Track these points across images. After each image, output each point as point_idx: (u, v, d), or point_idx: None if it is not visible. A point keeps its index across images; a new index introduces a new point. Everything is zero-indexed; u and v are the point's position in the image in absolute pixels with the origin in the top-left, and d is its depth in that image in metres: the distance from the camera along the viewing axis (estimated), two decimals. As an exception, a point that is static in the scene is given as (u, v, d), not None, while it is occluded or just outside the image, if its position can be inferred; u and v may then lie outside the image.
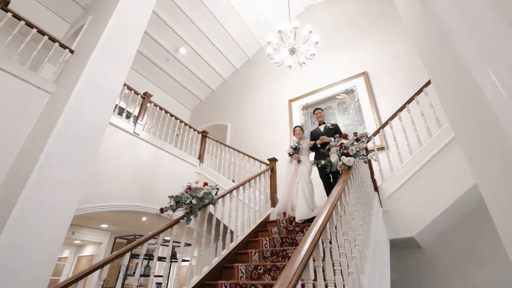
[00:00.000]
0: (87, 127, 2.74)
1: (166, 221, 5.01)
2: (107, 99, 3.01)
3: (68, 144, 2.55)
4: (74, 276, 1.80)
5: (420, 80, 4.38)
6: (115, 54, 3.28)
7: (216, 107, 7.94)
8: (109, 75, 3.10)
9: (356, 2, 6.24)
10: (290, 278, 0.99)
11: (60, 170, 2.43)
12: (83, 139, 2.67)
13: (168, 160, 4.89)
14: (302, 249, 1.22)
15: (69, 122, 2.61)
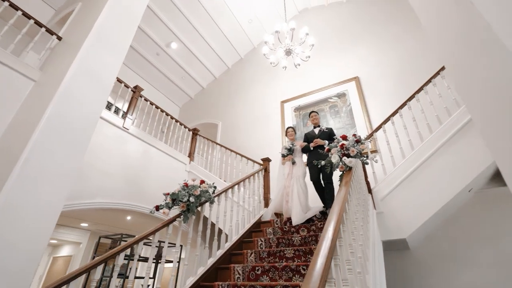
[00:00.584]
0: (78, 118, 2.58)
1: (153, 221, 4.89)
2: (99, 90, 2.85)
3: (57, 136, 2.38)
4: (68, 276, 1.67)
5: (410, 87, 4.52)
6: (109, 44, 3.13)
7: (206, 105, 7.82)
8: (102, 66, 2.95)
9: (349, 8, 6.37)
10: (319, 279, 0.96)
11: (47, 163, 2.26)
12: (73, 131, 2.51)
13: (157, 157, 4.74)
14: (321, 249, 1.19)
15: (59, 113, 2.44)
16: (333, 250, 1.20)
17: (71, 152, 2.46)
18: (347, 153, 2.43)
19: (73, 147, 2.49)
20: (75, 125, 2.54)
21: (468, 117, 3.16)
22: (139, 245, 2.19)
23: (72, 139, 2.49)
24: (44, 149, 2.26)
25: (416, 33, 5.14)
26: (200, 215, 2.94)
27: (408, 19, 5.36)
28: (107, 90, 2.96)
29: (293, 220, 3.28)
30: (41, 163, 2.23)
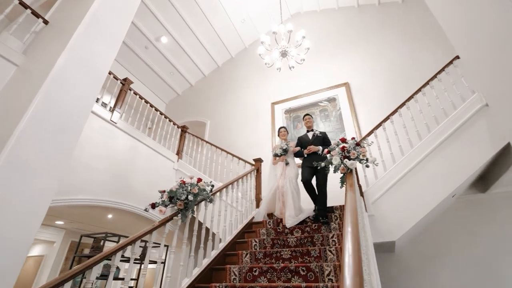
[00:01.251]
0: (69, 109, 2.41)
1: (137, 220, 4.69)
2: (92, 80, 2.69)
3: (47, 125, 2.21)
4: (62, 277, 1.54)
5: (399, 95, 4.71)
6: (103, 33, 2.96)
7: (194, 103, 7.66)
8: (95, 55, 2.78)
9: (342, 15, 6.53)
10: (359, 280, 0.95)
11: (36, 154, 2.09)
12: (64, 121, 2.35)
13: (145, 153, 4.56)
14: (348, 251, 1.18)
15: (49, 101, 2.27)
16: (361, 264, 1.15)
17: (61, 143, 2.30)
18: (348, 156, 2.47)
19: (64, 138, 2.32)
20: (66, 115, 2.37)
21: (455, 126, 3.34)
22: (135, 245, 2.08)
23: (63, 129, 2.32)
24: (32, 139, 2.09)
25: (407, 42, 5.37)
26: (196, 215, 2.85)
27: (399, 29, 5.59)
28: (100, 80, 2.80)
29: (286, 223, 3.27)
30: (29, 154, 2.05)
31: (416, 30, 5.42)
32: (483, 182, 3.84)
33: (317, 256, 2.56)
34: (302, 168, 3.59)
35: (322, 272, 2.25)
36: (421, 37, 5.26)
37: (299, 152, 3.78)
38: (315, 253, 2.58)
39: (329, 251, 2.52)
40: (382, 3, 6.14)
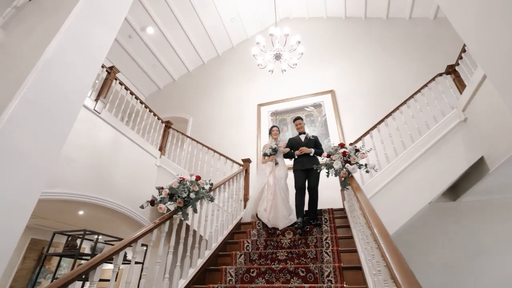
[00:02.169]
0: (64, 94, 2.19)
1: (111, 216, 4.40)
2: (89, 64, 2.47)
3: (39, 111, 1.99)
4: (69, 276, 1.38)
5: (383, 105, 4.98)
6: (101, 13, 2.74)
7: (176, 98, 7.41)
8: (94, 36, 2.57)
9: (330, 24, 6.76)
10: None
11: (25, 142, 1.87)
12: (58, 107, 2.13)
13: (128, 147, 4.31)
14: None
15: (42, 84, 2.04)
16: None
17: (55, 131, 2.07)
18: (348, 161, 2.55)
19: (58, 125, 2.10)
20: (60, 101, 2.15)
21: (436, 138, 3.61)
22: (138, 243, 1.94)
23: (57, 115, 2.11)
24: (23, 124, 1.86)
25: (390, 56, 5.70)
26: (193, 214, 2.74)
27: (384, 43, 5.92)
28: (98, 65, 2.58)
29: (279, 225, 3.27)
30: (19, 140, 1.83)
31: (399, 44, 5.78)
32: (453, 191, 4.18)
33: (314, 257, 2.60)
34: (295, 172, 3.55)
35: (322, 274, 2.29)
36: (404, 51, 5.63)
37: (289, 153, 3.77)
38: (311, 255, 2.61)
39: (326, 253, 2.58)
40: (368, 17, 6.47)
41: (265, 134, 5.90)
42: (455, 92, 3.88)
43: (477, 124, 3.39)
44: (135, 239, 1.86)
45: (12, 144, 1.80)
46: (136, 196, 4.33)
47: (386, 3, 5.99)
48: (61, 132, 2.14)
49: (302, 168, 3.46)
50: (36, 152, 1.93)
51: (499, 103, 2.99)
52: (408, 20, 6.01)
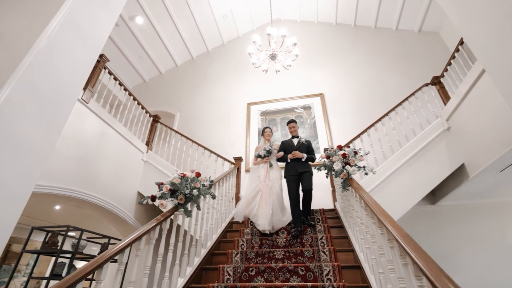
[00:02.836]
0: (63, 78, 2.04)
1: (92, 211, 4.18)
2: (89, 50, 2.32)
3: (36, 95, 1.83)
4: (76, 275, 1.27)
5: (370, 111, 5.18)
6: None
7: (162, 92, 7.18)
8: (95, 18, 2.41)
9: (320, 28, 6.90)
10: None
11: (19, 130, 1.72)
12: (56, 92, 1.97)
13: (115, 140, 4.11)
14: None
15: (40, 67, 1.88)
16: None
17: (53, 117, 1.92)
18: (348, 162, 2.62)
19: (55, 111, 1.95)
20: (59, 85, 2.00)
21: (422, 145, 3.81)
22: (142, 240, 1.84)
23: (55, 101, 1.95)
24: (15, 113, 1.71)
25: (378, 64, 5.93)
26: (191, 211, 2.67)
27: (372, 51, 6.15)
28: (98, 49, 2.44)
29: (274, 229, 3.25)
30: (10, 130, 1.67)
31: (386, 53, 6.04)
32: (432, 195, 4.44)
33: (311, 256, 2.64)
34: (287, 178, 3.44)
35: (321, 272, 2.33)
36: (391, 60, 5.89)
37: (283, 157, 3.65)
38: (308, 254, 2.65)
39: (323, 252, 2.63)
40: (357, 25, 6.69)
41: (254, 133, 5.90)
42: (440, 102, 4.12)
43: (459, 133, 3.63)
44: (139, 237, 1.76)
45: (7, 129, 1.65)
46: (122, 192, 4.15)
47: (375, 13, 6.23)
48: (58, 121, 2.00)
49: (295, 174, 3.37)
50: (33, 138, 1.79)
51: (481, 115, 3.22)
52: (395, 31, 6.30)
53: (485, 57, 1.84)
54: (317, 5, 6.71)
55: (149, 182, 4.54)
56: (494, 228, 4.16)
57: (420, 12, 5.77)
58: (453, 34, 5.54)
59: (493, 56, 1.75)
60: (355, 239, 2.58)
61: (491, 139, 3.06)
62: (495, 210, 4.22)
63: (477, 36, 1.88)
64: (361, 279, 2.26)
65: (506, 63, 1.64)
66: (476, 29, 1.87)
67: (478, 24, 1.85)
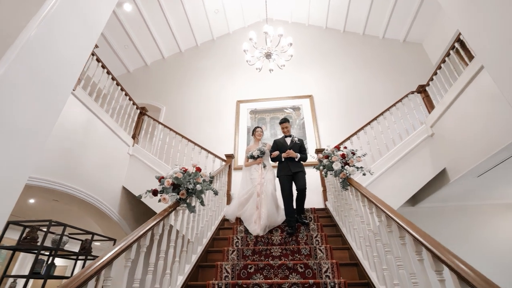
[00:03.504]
0: (62, 60, 1.89)
1: (72, 206, 3.94)
2: (89, 32, 2.17)
3: (33, 76, 1.68)
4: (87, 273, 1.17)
5: (357, 115, 5.37)
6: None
7: (147, 85, 6.92)
8: (92, 4, 2.27)
9: (312, 32, 7.02)
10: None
11: (12, 115, 1.57)
12: (54, 74, 1.82)
13: (101, 131, 3.91)
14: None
15: (37, 47, 1.73)
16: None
17: (50, 101, 1.77)
18: (347, 163, 2.69)
19: (53, 95, 1.80)
20: (57, 67, 1.85)
21: (408, 149, 4.01)
22: (147, 236, 1.75)
23: (53, 84, 1.80)
24: (10, 94, 1.56)
25: (365, 69, 6.15)
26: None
27: (360, 56, 6.37)
28: (98, 31, 2.29)
29: (270, 227, 3.23)
30: (4, 113, 1.52)
31: (374, 59, 6.28)
32: (413, 198, 4.69)
33: (308, 254, 2.67)
34: (280, 177, 3.43)
35: (320, 269, 2.37)
36: (378, 66, 6.13)
37: (277, 157, 3.55)
38: (305, 251, 2.69)
39: (319, 250, 2.67)
40: (346, 31, 6.89)
41: (243, 131, 5.87)
42: (424, 110, 4.36)
43: (442, 139, 3.86)
44: (144, 233, 1.68)
45: (0, 111, 1.51)
46: (106, 186, 3.96)
47: (364, 21, 6.45)
48: (56, 105, 1.86)
49: (289, 173, 3.37)
50: (28, 122, 1.65)
51: (463, 124, 3.45)
52: (382, 39, 6.57)
53: (485, 53, 1.85)
54: (309, 8, 6.81)
55: (135, 177, 4.37)
56: (466, 229, 4.47)
57: (406, 23, 6.06)
58: (435, 46, 5.89)
59: (493, 53, 1.79)
60: (351, 237, 2.65)
61: (472, 147, 3.28)
62: (468, 213, 4.55)
63: (477, 32, 1.91)
64: (359, 275, 2.34)
65: (506, 59, 1.68)
66: (476, 26, 1.88)
67: (478, 22, 1.88)
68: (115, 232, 4.23)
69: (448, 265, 1.13)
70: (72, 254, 3.29)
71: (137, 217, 4.62)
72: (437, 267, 1.26)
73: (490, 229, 4.43)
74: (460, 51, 3.59)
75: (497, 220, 4.50)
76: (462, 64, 3.82)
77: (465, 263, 1.10)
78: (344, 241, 2.87)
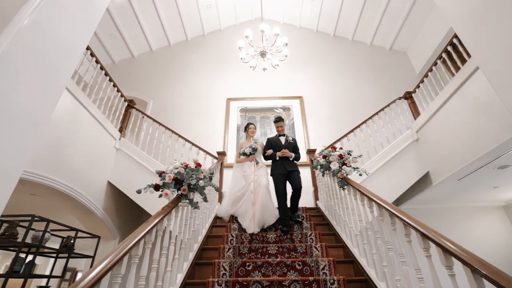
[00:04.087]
0: (62, 44, 1.77)
1: (51, 201, 3.71)
2: (90, 15, 2.06)
3: (31, 56, 1.56)
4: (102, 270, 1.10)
5: (348, 118, 5.52)
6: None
7: (133, 77, 6.66)
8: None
9: (303, 34, 7.11)
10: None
11: (13, 94, 1.45)
12: (54, 59, 1.70)
13: (88, 123, 3.72)
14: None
15: (38, 29, 1.61)
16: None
17: (50, 86, 1.65)
18: (345, 163, 2.76)
19: (53, 80, 1.68)
20: (58, 52, 1.73)
21: (395, 152, 4.18)
22: (153, 232, 1.67)
23: (53, 69, 1.68)
24: (9, 74, 1.43)
25: (353, 74, 6.33)
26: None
27: (348, 61, 6.55)
28: (98, 17, 2.18)
29: (265, 225, 3.23)
30: (3, 95, 1.40)
31: (363, 65, 6.48)
32: (397, 199, 4.89)
33: (303, 252, 2.71)
34: (275, 176, 3.44)
35: (317, 267, 2.41)
36: (366, 71, 6.35)
37: (271, 155, 3.56)
38: (301, 249, 2.72)
39: (315, 248, 2.72)
40: (336, 35, 7.06)
41: (233, 129, 5.84)
42: (410, 115, 4.57)
43: (427, 144, 4.06)
44: (150, 229, 1.61)
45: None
46: (91, 181, 3.77)
47: (353, 27, 6.64)
48: (55, 91, 1.75)
49: (284, 172, 3.39)
50: (28, 104, 1.54)
51: (446, 131, 3.65)
52: (369, 46, 6.80)
53: (480, 52, 1.93)
54: (301, 11, 6.90)
55: (121, 172, 4.20)
56: (443, 230, 4.72)
57: (393, 32, 6.32)
58: (418, 56, 6.20)
59: (488, 52, 1.85)
60: (346, 236, 2.72)
61: (455, 152, 3.49)
62: (446, 214, 4.83)
63: (471, 32, 1.98)
64: (354, 272, 2.40)
65: (500, 59, 1.75)
66: (471, 27, 1.97)
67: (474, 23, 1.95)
68: (98, 229, 4.03)
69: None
70: (54, 252, 3.09)
71: (121, 214, 4.44)
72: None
73: (466, 230, 4.74)
74: (447, 62, 3.81)
75: (472, 222, 4.82)
76: (449, 74, 4.06)
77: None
78: (337, 239, 2.94)
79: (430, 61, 5.78)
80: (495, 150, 2.96)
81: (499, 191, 4.35)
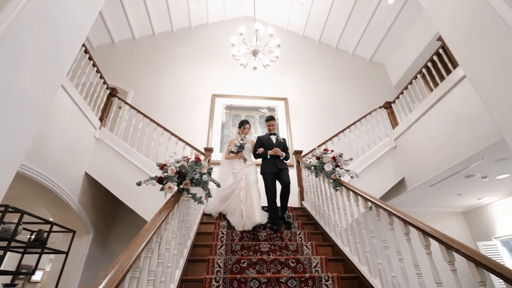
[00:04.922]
0: (64, 29, 1.62)
1: (22, 192, 3.40)
2: (92, 1, 1.92)
3: (33, 35, 1.42)
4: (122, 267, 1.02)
5: (331, 123, 5.73)
6: None
7: (113, 64, 6.28)
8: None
9: (290, 37, 7.24)
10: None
11: (18, 78, 1.31)
12: (58, 42, 1.56)
13: (70, 109, 3.46)
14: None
15: (42, 9, 1.48)
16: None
17: (52, 71, 1.51)
18: (338, 165, 2.88)
19: (56, 65, 1.54)
20: (61, 36, 1.59)
21: (375, 158, 4.44)
22: (161, 227, 1.60)
23: (56, 52, 1.54)
24: (10, 55, 1.30)
25: (337, 80, 6.59)
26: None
27: (333, 68, 6.80)
28: (100, 3, 2.04)
29: (257, 220, 3.23)
30: (3, 77, 1.26)
31: (346, 72, 6.78)
32: (371, 202, 5.19)
33: (295, 250, 2.78)
34: (265, 174, 3.46)
35: (310, 264, 2.49)
36: (351, 78, 6.65)
37: (262, 154, 3.57)
38: (293, 247, 2.79)
39: (306, 246, 2.80)
40: (321, 42, 7.29)
41: (217, 125, 5.79)
42: (389, 124, 4.87)
43: (403, 152, 4.37)
44: (159, 225, 1.55)
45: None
46: (68, 171, 3.53)
47: (338, 36, 6.92)
48: (57, 76, 1.62)
49: (275, 171, 3.43)
50: (29, 87, 1.41)
51: (422, 141, 3.95)
52: (351, 55, 7.13)
53: (466, 61, 2.07)
54: (290, 14, 7.03)
55: (101, 163, 3.97)
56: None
57: (374, 44, 6.69)
58: (395, 69, 6.64)
59: (473, 61, 1.97)
60: (336, 235, 2.84)
61: (429, 160, 3.80)
62: (416, 218, 5.21)
63: (458, 41, 2.13)
64: (344, 270, 2.52)
65: (486, 68, 1.88)
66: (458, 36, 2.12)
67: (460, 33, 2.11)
68: (72, 223, 3.76)
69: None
70: (27, 247, 2.82)
71: (96, 208, 4.19)
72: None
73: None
74: (427, 77, 4.13)
75: (437, 226, 5.22)
76: (427, 88, 4.40)
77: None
78: (325, 238, 3.05)
79: (406, 74, 6.22)
80: (466, 160, 3.28)
81: (461, 198, 4.81)
